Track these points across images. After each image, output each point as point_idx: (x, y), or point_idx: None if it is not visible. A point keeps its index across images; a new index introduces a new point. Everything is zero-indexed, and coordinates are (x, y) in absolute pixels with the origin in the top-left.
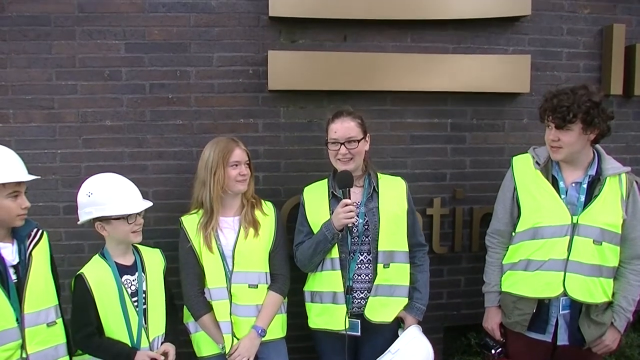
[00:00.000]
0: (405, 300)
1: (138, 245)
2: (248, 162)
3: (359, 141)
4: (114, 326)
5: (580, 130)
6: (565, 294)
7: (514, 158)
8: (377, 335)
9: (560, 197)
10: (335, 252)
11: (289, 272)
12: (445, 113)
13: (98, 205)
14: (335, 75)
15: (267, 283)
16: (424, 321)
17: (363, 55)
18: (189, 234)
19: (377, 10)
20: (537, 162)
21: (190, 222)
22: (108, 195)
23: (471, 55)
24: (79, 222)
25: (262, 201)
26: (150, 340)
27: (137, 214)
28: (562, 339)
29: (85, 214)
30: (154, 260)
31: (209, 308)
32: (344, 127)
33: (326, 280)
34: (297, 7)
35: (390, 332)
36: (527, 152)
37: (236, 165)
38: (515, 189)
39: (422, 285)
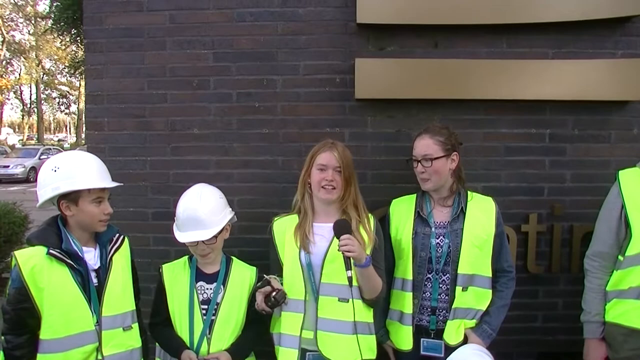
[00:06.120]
0: (474, 321)
1: (234, 258)
2: (339, 168)
3: (433, 159)
4: (179, 325)
5: None
6: None
7: (621, 172)
8: None
9: None
10: (408, 273)
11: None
12: (544, 123)
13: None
14: (425, 83)
15: (359, 298)
16: (513, 345)
17: (455, 62)
18: (275, 237)
19: (470, 15)
20: None
21: (279, 225)
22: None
23: (573, 60)
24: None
25: (370, 216)
26: (211, 351)
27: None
28: None
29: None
30: (243, 276)
31: None
32: (421, 144)
33: (395, 299)
34: (386, 14)
35: None
36: (636, 166)
37: (322, 169)
38: (623, 206)
39: (496, 309)
